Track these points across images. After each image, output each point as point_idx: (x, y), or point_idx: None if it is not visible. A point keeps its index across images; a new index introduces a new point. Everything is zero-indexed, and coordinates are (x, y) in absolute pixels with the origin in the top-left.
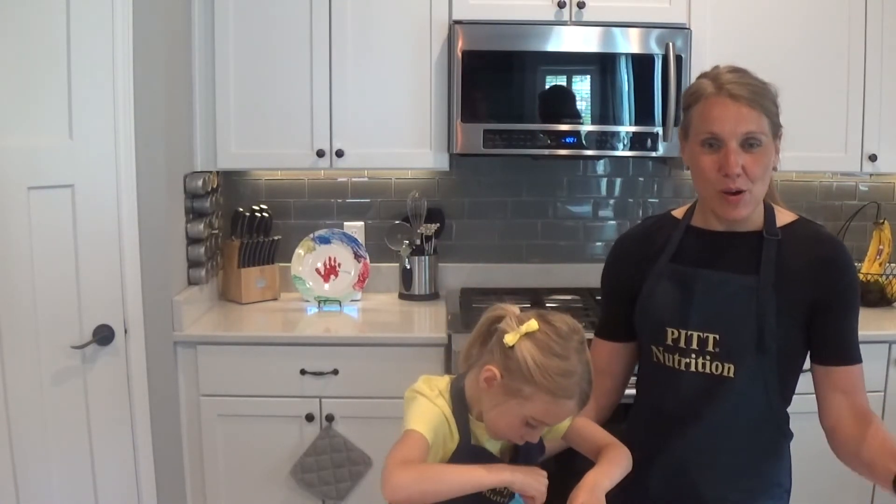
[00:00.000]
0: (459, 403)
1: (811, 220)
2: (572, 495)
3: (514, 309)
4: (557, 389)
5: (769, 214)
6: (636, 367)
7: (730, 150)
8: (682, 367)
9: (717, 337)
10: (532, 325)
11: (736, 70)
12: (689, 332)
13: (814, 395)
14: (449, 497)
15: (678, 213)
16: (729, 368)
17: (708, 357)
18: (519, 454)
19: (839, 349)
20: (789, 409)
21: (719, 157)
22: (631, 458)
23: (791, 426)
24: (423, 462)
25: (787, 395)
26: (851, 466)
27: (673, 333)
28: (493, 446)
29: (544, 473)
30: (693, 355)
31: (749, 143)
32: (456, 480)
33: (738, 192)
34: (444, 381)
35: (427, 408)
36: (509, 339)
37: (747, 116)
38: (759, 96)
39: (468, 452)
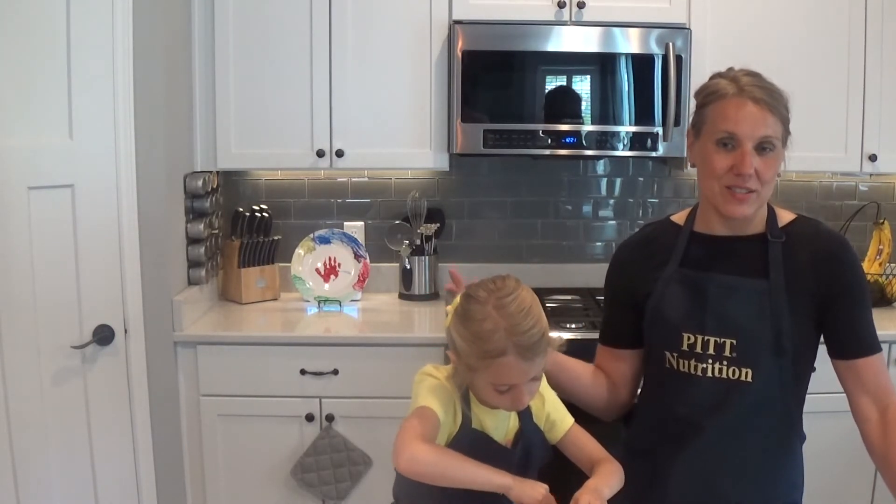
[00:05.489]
0: (462, 389)
1: (810, 216)
2: (576, 496)
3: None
4: (486, 352)
5: (771, 216)
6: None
7: (745, 151)
8: (699, 373)
9: (734, 342)
10: (456, 301)
11: (752, 74)
12: (706, 338)
13: (819, 395)
14: (453, 485)
15: (677, 218)
16: (746, 373)
17: (725, 362)
18: (520, 442)
19: (855, 341)
20: None
21: (734, 157)
22: (623, 475)
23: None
24: (434, 437)
25: (802, 395)
26: (881, 471)
27: (689, 339)
28: (499, 434)
29: (544, 487)
30: (710, 360)
31: (763, 147)
32: (469, 473)
33: (748, 191)
34: (450, 368)
35: (439, 387)
36: (446, 322)
37: (766, 121)
38: (777, 102)
39: (468, 436)
